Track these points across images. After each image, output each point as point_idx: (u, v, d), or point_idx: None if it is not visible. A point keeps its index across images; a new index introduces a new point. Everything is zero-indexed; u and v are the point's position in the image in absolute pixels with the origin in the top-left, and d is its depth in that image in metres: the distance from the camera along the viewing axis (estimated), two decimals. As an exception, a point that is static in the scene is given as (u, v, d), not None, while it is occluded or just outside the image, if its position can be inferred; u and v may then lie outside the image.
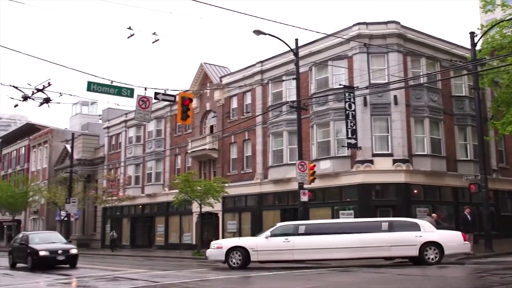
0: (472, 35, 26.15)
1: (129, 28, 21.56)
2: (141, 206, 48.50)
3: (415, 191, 30.46)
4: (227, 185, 35.19)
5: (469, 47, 26.61)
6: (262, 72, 36.98)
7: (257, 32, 26.05)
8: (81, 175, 53.74)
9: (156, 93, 19.81)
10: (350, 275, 16.70)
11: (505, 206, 35.48)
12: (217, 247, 20.29)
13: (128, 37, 21.93)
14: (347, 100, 29.27)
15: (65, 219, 47.95)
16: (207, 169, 41.64)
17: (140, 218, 49.26)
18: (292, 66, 30.74)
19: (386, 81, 28.80)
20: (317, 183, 28.10)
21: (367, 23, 31.06)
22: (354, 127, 29.43)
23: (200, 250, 31.83)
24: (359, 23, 31.03)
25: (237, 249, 19.70)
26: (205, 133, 42.24)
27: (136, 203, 48.36)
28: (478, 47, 27.09)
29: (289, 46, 27.34)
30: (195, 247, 36.44)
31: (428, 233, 19.00)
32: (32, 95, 19.96)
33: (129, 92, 19.10)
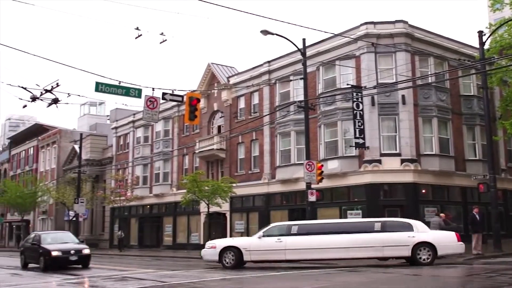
0: (480, 34, 26.03)
1: (137, 28, 21.62)
2: (149, 206, 48.62)
3: (423, 191, 30.37)
4: (234, 185, 35.24)
5: (478, 46, 26.49)
6: (269, 72, 36.97)
7: (265, 32, 26.03)
8: (90, 175, 53.94)
9: (163, 94, 19.84)
10: (358, 275, 16.66)
11: (514, 206, 35.28)
12: (211, 247, 20.70)
13: (135, 38, 21.98)
14: (355, 99, 29.20)
15: (74, 219, 48.15)
16: (215, 169, 41.69)
17: (148, 218, 49.36)
18: (299, 66, 30.73)
19: (394, 81, 28.72)
20: (325, 183, 28.07)
21: (375, 23, 30.98)
22: (362, 127, 29.37)
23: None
24: (366, 23, 30.96)
25: (230, 249, 19.98)
26: (212, 133, 42.29)
27: (144, 203, 48.49)
28: (486, 46, 26.96)
29: (296, 46, 27.30)
30: (203, 247, 36.33)
31: (421, 234, 18.95)
32: (40, 95, 20.05)
33: (137, 92, 19.14)
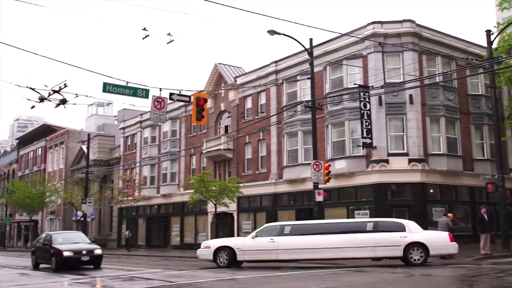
0: (488, 33, 25.91)
1: (144, 29, 21.64)
2: (156, 206, 48.71)
3: (431, 191, 30.26)
4: (242, 185, 35.27)
5: (485, 45, 26.38)
6: (276, 72, 36.96)
7: (272, 32, 26.01)
8: (97, 176, 54.10)
9: (171, 94, 19.88)
10: (365, 275, 16.63)
11: (522, 205, 35.08)
12: (205, 247, 21.12)
13: (143, 38, 21.99)
14: (362, 99, 29.15)
15: (82, 219, 48.32)
16: (222, 169, 41.72)
17: (155, 218, 49.45)
18: (306, 65, 30.70)
19: (401, 80, 28.66)
20: (332, 183, 28.03)
21: (382, 22, 30.91)
22: (369, 127, 29.31)
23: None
24: (373, 22, 30.90)
25: (224, 249, 20.36)
26: (219, 133, 42.32)
27: (151, 203, 48.59)
28: (494, 45, 26.85)
29: (303, 45, 27.26)
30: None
31: (413, 234, 18.92)
32: (48, 96, 20.13)
33: (144, 92, 19.19)
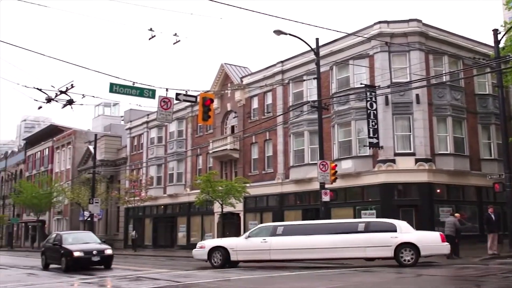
0: (495, 32, 25.80)
1: (151, 29, 21.66)
2: (163, 206, 48.78)
3: (438, 191, 30.16)
4: (248, 185, 35.28)
5: (493, 44, 26.25)
6: (282, 72, 36.94)
7: (278, 32, 25.98)
8: (104, 176, 54.24)
9: (177, 94, 19.89)
10: (372, 275, 16.61)
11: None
12: (200, 247, 21.57)
13: (149, 39, 22.00)
14: (369, 99, 29.09)
15: (89, 219, 48.47)
16: (229, 169, 41.74)
17: (162, 218, 49.53)
18: (312, 65, 30.67)
19: (408, 80, 28.58)
20: (339, 183, 27.99)
21: (388, 22, 30.83)
22: (375, 127, 29.25)
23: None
24: (380, 22, 30.82)
25: (218, 249, 20.77)
26: (226, 133, 42.35)
27: (158, 203, 48.68)
28: (501, 45, 26.69)
29: (309, 45, 27.22)
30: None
31: (404, 234, 18.96)
32: (55, 97, 20.19)
33: (150, 93, 19.22)
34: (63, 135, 66.67)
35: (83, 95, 20.08)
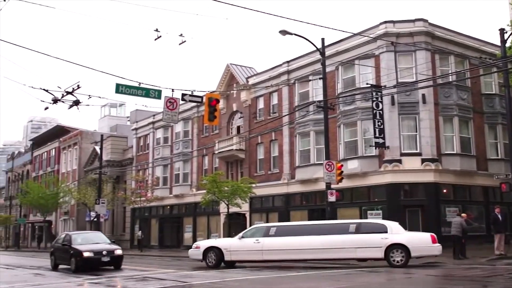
0: (502, 31, 25.70)
1: (156, 30, 21.68)
2: (169, 206, 48.86)
3: (445, 191, 30.08)
4: (254, 185, 35.29)
5: (499, 44, 26.16)
6: (288, 72, 36.93)
7: (283, 32, 25.97)
8: (110, 176, 54.36)
9: (183, 94, 19.93)
10: (378, 275, 16.59)
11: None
12: (196, 247, 22.09)
13: (155, 39, 22.02)
14: (375, 99, 29.03)
15: (95, 219, 48.58)
16: (234, 170, 41.76)
17: (168, 218, 49.60)
18: (318, 65, 30.63)
19: (414, 80, 28.51)
20: (345, 183, 27.93)
21: (394, 21, 30.77)
22: (381, 126, 29.18)
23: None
24: (386, 22, 30.76)
25: (213, 249, 21.22)
26: (232, 133, 42.37)
27: (164, 203, 48.75)
28: (508, 44, 26.58)
29: (315, 45, 27.19)
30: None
31: (394, 235, 19.01)
32: (62, 97, 20.26)
33: (156, 93, 19.27)
34: (70, 136, 66.89)
35: (89, 95, 20.17)
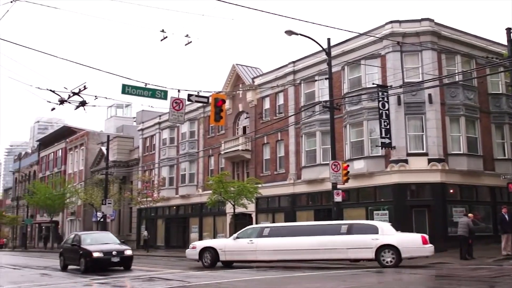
0: (508, 31, 25.60)
1: (162, 31, 21.71)
2: (175, 207, 48.93)
3: (451, 191, 29.96)
4: (260, 185, 35.28)
5: (506, 43, 26.07)
6: (294, 72, 36.91)
7: (289, 32, 25.96)
8: (117, 177, 54.51)
9: (189, 95, 19.98)
10: (384, 276, 16.56)
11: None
12: (192, 248, 22.52)
13: (161, 40, 22.03)
14: (381, 99, 28.96)
15: (101, 220, 48.71)
16: (240, 170, 41.76)
17: (174, 219, 49.68)
18: (324, 66, 30.59)
19: (420, 80, 28.41)
20: (351, 183, 27.86)
21: (400, 21, 30.68)
22: (388, 127, 29.10)
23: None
24: (392, 21, 30.68)
25: (208, 250, 21.67)
26: (238, 134, 42.37)
27: (170, 204, 48.83)
28: (515, 43, 26.50)
29: (321, 45, 27.16)
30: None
31: (385, 236, 19.09)
32: (68, 98, 20.34)
33: (162, 94, 19.33)
34: (76, 137, 67.10)
35: (96, 96, 20.24)
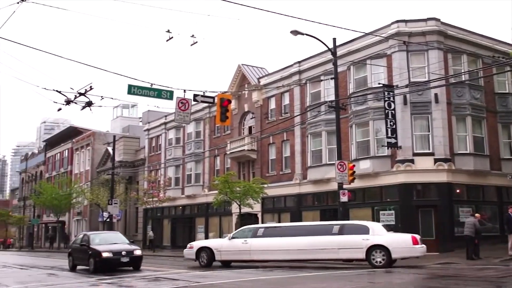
0: (515, 30, 25.52)
1: (168, 31, 21.76)
2: (181, 207, 49.00)
3: (458, 191, 29.85)
4: (266, 186, 35.28)
5: (512, 42, 25.99)
6: (300, 72, 36.88)
7: (295, 32, 25.96)
8: (123, 177, 54.62)
9: (195, 95, 20.01)
10: (390, 275, 16.53)
11: (552, 205, 34.40)
12: (189, 247, 23.00)
13: (167, 40, 22.09)
14: (387, 99, 28.90)
15: (108, 220, 48.86)
16: (246, 170, 41.77)
17: (180, 219, 49.75)
18: (330, 65, 30.56)
19: (426, 79, 28.34)
20: (357, 183, 27.83)
21: (406, 21, 30.59)
22: (394, 126, 29.03)
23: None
24: (398, 21, 30.60)
25: (204, 249, 22.15)
26: (243, 134, 42.38)
27: (176, 204, 48.89)
28: (521, 43, 26.43)
29: (327, 45, 27.12)
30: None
31: (375, 237, 19.23)
32: (74, 99, 20.41)
33: (168, 94, 19.37)
34: (82, 137, 67.31)
35: (102, 97, 20.31)
